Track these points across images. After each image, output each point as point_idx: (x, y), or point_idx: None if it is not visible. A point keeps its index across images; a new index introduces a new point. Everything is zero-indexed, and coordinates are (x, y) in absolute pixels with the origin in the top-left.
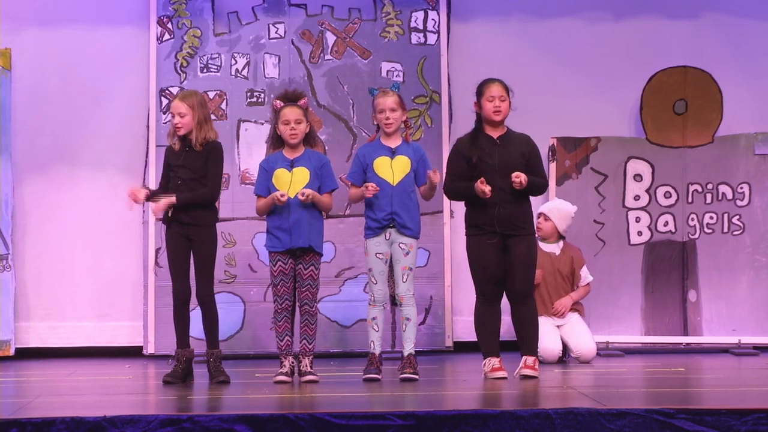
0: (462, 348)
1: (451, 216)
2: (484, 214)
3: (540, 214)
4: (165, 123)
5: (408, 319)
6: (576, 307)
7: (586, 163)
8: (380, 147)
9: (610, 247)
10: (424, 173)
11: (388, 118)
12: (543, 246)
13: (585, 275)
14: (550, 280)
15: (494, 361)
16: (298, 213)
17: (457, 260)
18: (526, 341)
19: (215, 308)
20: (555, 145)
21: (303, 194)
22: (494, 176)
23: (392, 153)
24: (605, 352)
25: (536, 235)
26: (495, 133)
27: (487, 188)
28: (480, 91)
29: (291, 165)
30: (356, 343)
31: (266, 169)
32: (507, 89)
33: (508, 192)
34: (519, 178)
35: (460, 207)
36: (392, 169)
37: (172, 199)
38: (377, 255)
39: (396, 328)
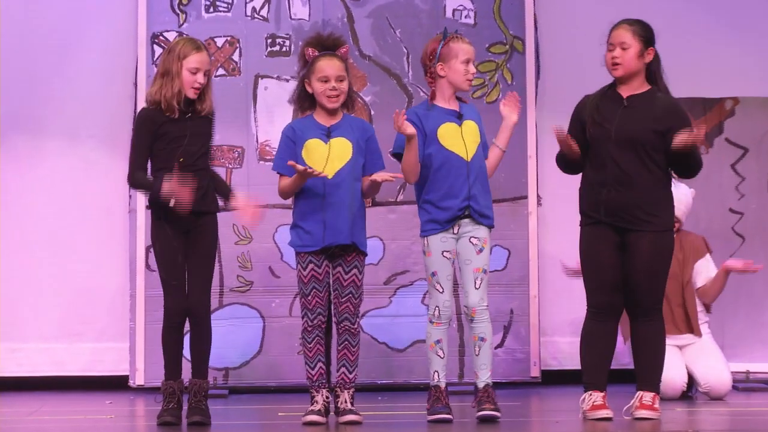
0: (552, 379)
1: (539, 203)
2: (590, 197)
3: None
4: None
5: (482, 339)
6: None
7: (720, 132)
8: (443, 111)
9: (752, 244)
10: (486, 144)
11: (467, 72)
12: None
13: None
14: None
15: (596, 396)
16: (336, 199)
17: (546, 262)
18: (646, 371)
19: (210, 327)
20: None
21: (392, 177)
22: (608, 146)
23: (459, 118)
24: (744, 385)
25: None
26: (626, 92)
27: (568, 141)
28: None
29: (328, 134)
30: (411, 372)
31: (292, 140)
32: (637, 32)
33: (623, 169)
34: None
35: (550, 192)
36: (464, 140)
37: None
38: (444, 254)
39: (465, 351)
